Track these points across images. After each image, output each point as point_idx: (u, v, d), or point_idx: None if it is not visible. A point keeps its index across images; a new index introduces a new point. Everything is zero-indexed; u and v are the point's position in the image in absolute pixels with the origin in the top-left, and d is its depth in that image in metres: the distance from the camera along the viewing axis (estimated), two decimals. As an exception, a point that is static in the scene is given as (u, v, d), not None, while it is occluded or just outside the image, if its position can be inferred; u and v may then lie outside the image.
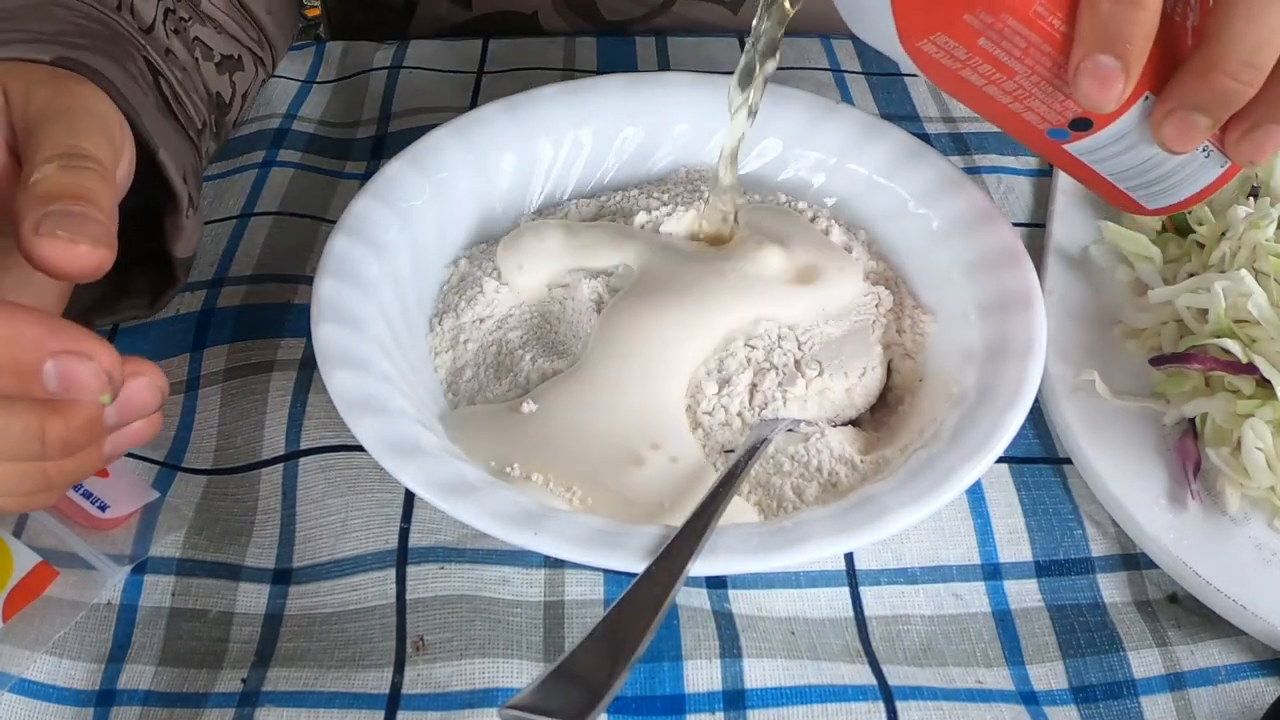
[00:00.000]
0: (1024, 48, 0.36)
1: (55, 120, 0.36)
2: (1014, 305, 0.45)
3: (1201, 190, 0.42)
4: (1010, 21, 0.35)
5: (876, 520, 0.37)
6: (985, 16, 0.35)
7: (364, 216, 0.47)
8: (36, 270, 0.33)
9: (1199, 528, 0.43)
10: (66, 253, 0.33)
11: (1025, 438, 0.47)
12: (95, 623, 0.41)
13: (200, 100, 0.51)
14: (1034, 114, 0.39)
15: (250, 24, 0.58)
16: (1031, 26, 0.36)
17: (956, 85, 0.39)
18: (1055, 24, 0.36)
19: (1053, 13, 0.35)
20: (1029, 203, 0.58)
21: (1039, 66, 0.37)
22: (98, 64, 0.40)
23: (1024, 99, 0.39)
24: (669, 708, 0.38)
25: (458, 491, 0.37)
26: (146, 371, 0.34)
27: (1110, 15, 0.35)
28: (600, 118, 0.54)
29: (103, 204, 0.34)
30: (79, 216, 0.33)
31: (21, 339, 0.31)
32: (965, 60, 0.37)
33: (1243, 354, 0.45)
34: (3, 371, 0.31)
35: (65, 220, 0.33)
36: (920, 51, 0.37)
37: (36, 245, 0.32)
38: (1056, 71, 0.37)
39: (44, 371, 0.31)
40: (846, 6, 0.39)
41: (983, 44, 0.36)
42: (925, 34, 0.37)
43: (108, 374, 0.32)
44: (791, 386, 0.43)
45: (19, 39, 0.39)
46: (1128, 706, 0.40)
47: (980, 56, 0.37)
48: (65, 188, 0.34)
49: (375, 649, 0.40)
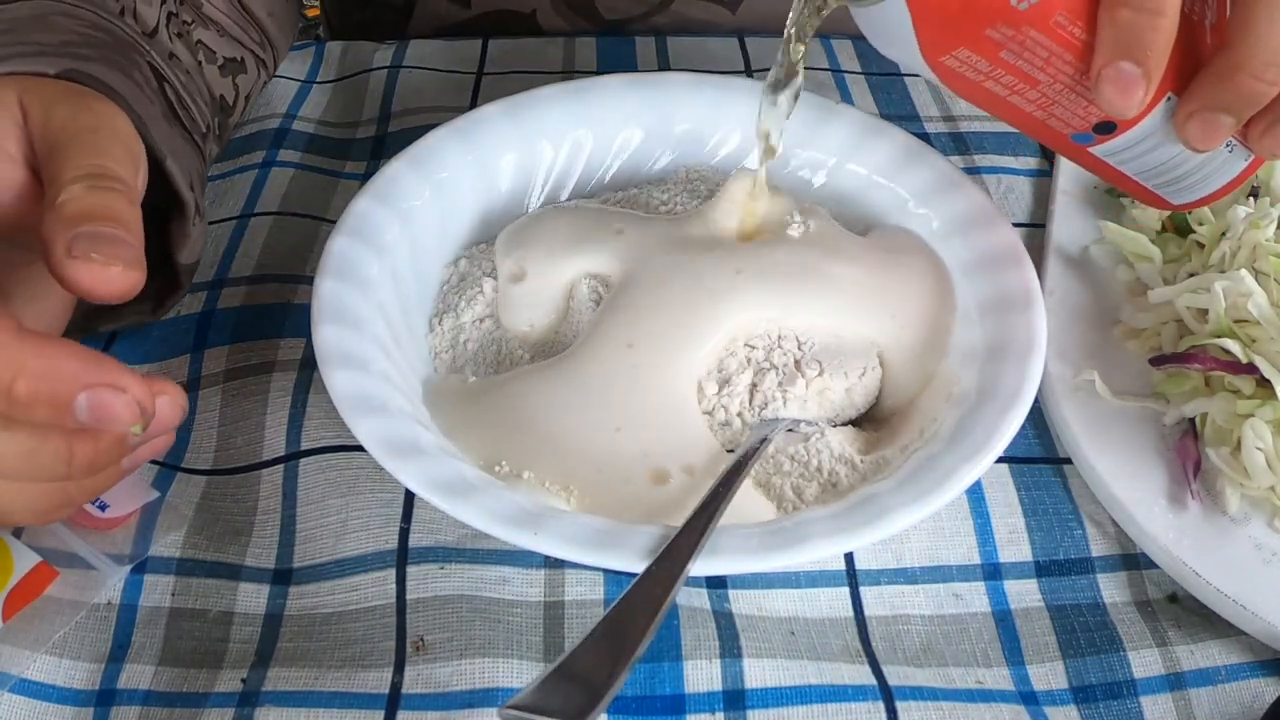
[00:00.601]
0: (1046, 57, 0.37)
1: (78, 139, 0.36)
2: (1014, 305, 0.45)
3: (1227, 184, 0.43)
4: (1031, 33, 0.36)
5: (876, 520, 0.37)
6: (1006, 30, 0.36)
7: (364, 216, 0.47)
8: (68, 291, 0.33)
9: (1199, 528, 0.43)
10: (100, 275, 0.33)
11: (1025, 438, 0.47)
12: (95, 623, 0.41)
13: (204, 104, 0.51)
14: (1058, 120, 0.40)
15: (252, 25, 0.58)
16: (1052, 36, 0.36)
17: (980, 95, 0.39)
18: (1076, 33, 0.36)
19: (1073, 21, 0.36)
20: (1029, 203, 0.58)
21: (1061, 75, 0.37)
22: (104, 75, 0.40)
23: (1047, 106, 0.39)
24: (669, 708, 0.38)
25: (458, 491, 0.37)
26: (168, 390, 0.34)
27: (1130, 23, 0.35)
28: (600, 118, 0.54)
29: (131, 225, 0.34)
30: (111, 239, 0.33)
31: (57, 372, 0.31)
32: (988, 72, 0.38)
33: (1243, 354, 0.45)
34: (38, 403, 0.31)
35: (98, 242, 0.33)
36: (943, 66, 0.38)
37: (70, 268, 0.33)
38: (1078, 79, 0.37)
39: (76, 404, 0.31)
40: (868, 24, 0.39)
41: (1005, 56, 0.37)
42: (948, 49, 0.37)
43: (139, 405, 0.32)
44: (791, 386, 0.43)
45: (23, 52, 0.39)
46: (1128, 706, 0.40)
47: (1003, 68, 0.37)
48: (94, 209, 0.34)
49: (375, 649, 0.40)
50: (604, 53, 0.67)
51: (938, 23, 0.36)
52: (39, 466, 0.33)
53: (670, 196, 0.51)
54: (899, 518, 0.37)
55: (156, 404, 0.33)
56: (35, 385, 0.31)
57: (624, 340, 0.44)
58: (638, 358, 0.43)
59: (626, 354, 0.43)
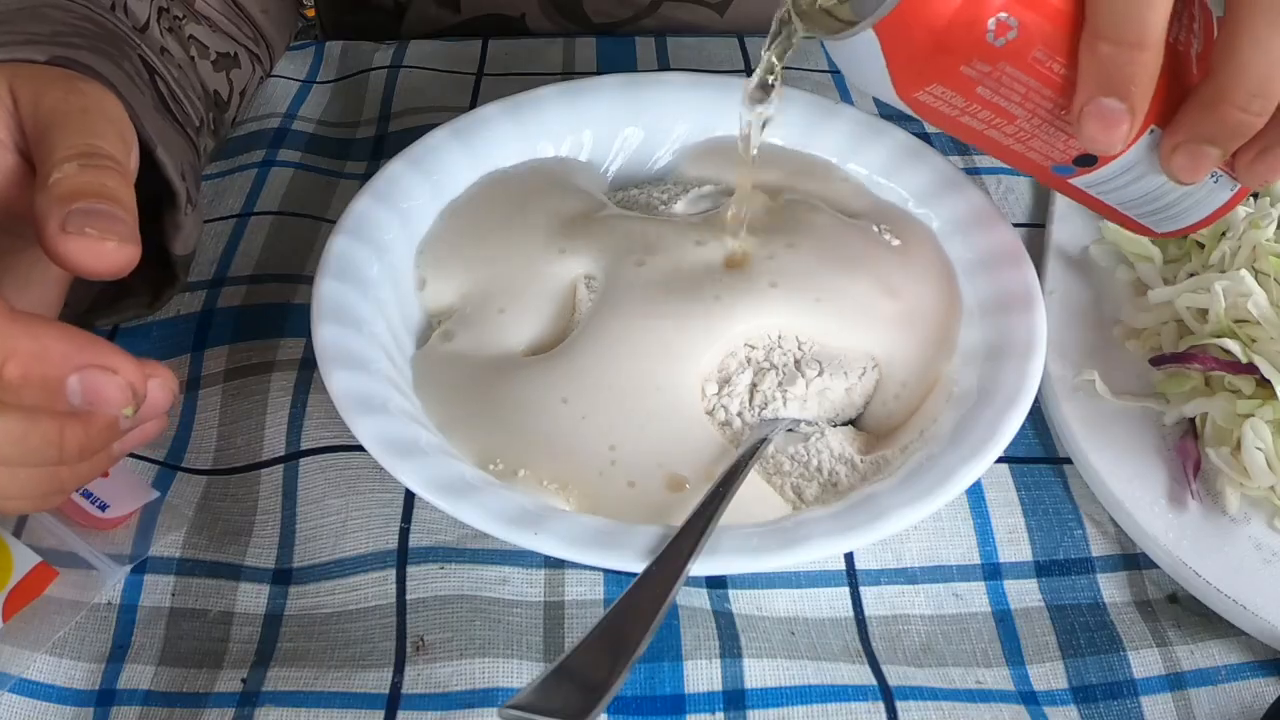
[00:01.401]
0: (1024, 93, 0.35)
1: (70, 120, 0.36)
2: (1014, 305, 0.45)
3: (1211, 214, 0.42)
4: (1008, 69, 0.35)
5: (876, 520, 0.37)
6: (982, 66, 0.35)
7: (364, 216, 0.47)
8: (63, 269, 0.33)
9: (1199, 528, 0.43)
10: (94, 250, 0.32)
11: (1025, 438, 0.47)
12: (95, 623, 0.41)
13: (197, 98, 0.51)
14: (1037, 153, 0.39)
15: (245, 22, 0.58)
16: (1030, 73, 0.35)
17: (957, 129, 0.38)
18: (1055, 68, 0.35)
19: (1051, 57, 0.34)
20: (1029, 203, 0.58)
21: (1040, 110, 0.36)
22: (94, 63, 0.40)
23: (1026, 140, 0.38)
24: (669, 708, 0.38)
25: (458, 491, 0.37)
26: (158, 373, 0.34)
27: (1112, 58, 0.33)
28: (600, 118, 0.54)
29: (125, 202, 0.34)
30: (105, 214, 0.33)
31: (48, 354, 0.31)
32: (964, 108, 0.36)
33: (1243, 354, 0.45)
34: (29, 386, 0.31)
35: (92, 218, 0.33)
36: (918, 102, 0.37)
37: (64, 243, 0.32)
38: (1058, 113, 0.36)
39: (68, 387, 0.31)
40: (842, 58, 0.38)
41: (981, 92, 0.36)
42: (921, 85, 0.36)
43: (131, 388, 0.32)
44: (791, 386, 0.43)
45: (13, 41, 0.39)
46: (1128, 706, 0.40)
47: (979, 104, 0.36)
48: (87, 186, 0.33)
49: (375, 649, 0.40)
50: (603, 53, 0.67)
51: (910, 58, 0.35)
52: (30, 451, 0.33)
53: (670, 197, 0.51)
54: (899, 518, 0.37)
55: (148, 385, 0.33)
56: (26, 367, 0.30)
57: (626, 344, 0.44)
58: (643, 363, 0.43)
59: (630, 358, 0.43)
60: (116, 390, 0.32)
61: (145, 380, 0.33)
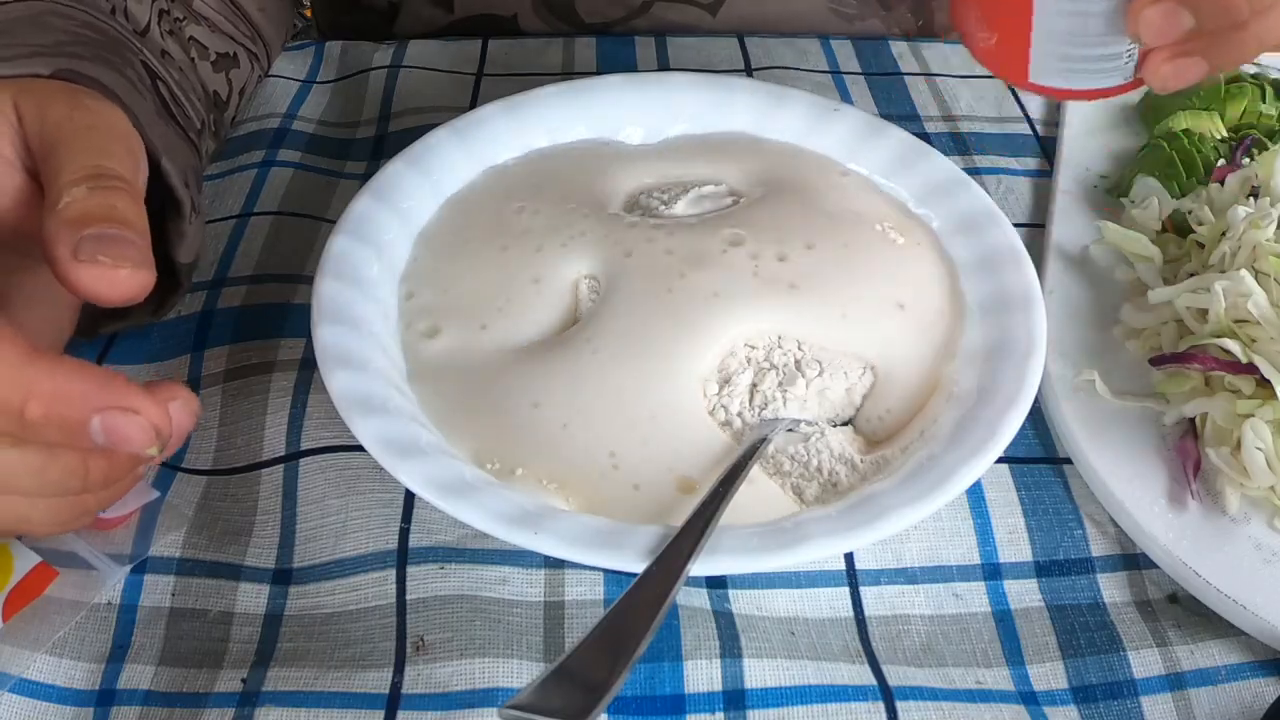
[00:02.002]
0: None
1: (76, 138, 0.36)
2: (1014, 305, 0.45)
3: (1091, 90, 0.40)
4: None
5: (876, 520, 0.37)
6: None
7: (364, 216, 0.47)
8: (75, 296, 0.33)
9: (1199, 528, 0.43)
10: (108, 278, 0.32)
11: (1025, 438, 0.47)
12: (95, 623, 0.41)
13: (198, 100, 0.51)
14: None
15: (243, 21, 0.58)
16: None
17: None
18: None
19: None
20: (1029, 203, 0.58)
21: None
22: (98, 74, 0.40)
23: None
24: (669, 708, 0.38)
25: (458, 491, 0.37)
26: (179, 394, 0.34)
27: None
28: (600, 117, 0.54)
29: (137, 225, 0.34)
30: (117, 240, 0.33)
31: (68, 395, 0.31)
32: None
33: (1243, 354, 0.45)
34: (50, 426, 0.31)
35: (104, 244, 0.32)
36: None
37: (76, 271, 0.32)
38: None
39: (90, 428, 0.31)
40: None
41: None
42: None
43: (155, 429, 0.32)
44: (791, 386, 0.43)
45: (17, 54, 0.39)
46: (1128, 706, 0.40)
47: None
48: (98, 210, 0.33)
49: (375, 649, 0.40)
50: (603, 53, 0.67)
51: None
52: (50, 483, 0.33)
53: (670, 197, 0.51)
54: (899, 518, 0.37)
55: (170, 411, 0.33)
56: (46, 408, 0.31)
57: (625, 344, 0.44)
58: (642, 364, 0.43)
59: (629, 359, 0.43)
60: (139, 431, 0.32)
61: (169, 419, 0.32)
